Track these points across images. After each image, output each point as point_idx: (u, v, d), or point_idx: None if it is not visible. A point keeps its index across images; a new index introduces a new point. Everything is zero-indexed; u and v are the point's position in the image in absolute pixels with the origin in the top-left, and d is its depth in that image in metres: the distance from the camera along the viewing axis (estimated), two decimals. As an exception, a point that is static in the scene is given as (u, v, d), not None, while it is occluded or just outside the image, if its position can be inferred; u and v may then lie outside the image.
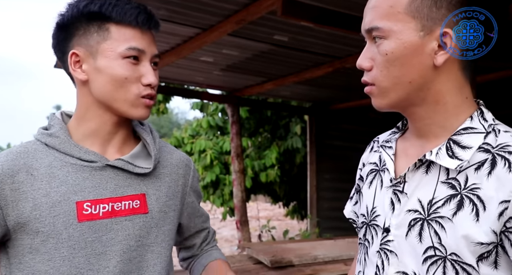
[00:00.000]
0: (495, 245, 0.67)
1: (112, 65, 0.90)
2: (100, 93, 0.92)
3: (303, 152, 6.82)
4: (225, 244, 7.85)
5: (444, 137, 0.75)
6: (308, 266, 3.10)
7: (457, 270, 0.69)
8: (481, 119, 0.74)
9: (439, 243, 0.70)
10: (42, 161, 0.90)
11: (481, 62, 3.81)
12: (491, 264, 0.68)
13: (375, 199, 0.85)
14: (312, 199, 6.52)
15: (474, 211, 0.68)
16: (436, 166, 0.74)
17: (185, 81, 5.46)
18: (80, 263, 0.87)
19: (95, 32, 0.90)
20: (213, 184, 6.95)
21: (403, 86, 0.74)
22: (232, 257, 3.65)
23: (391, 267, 0.78)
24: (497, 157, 0.68)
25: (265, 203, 12.07)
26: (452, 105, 0.74)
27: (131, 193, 0.94)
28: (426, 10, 0.70)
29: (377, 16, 0.73)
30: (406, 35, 0.71)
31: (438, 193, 0.72)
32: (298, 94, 5.99)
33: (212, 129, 7.35)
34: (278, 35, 3.54)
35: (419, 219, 0.74)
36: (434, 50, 0.71)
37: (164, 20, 3.20)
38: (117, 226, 0.91)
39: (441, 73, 0.73)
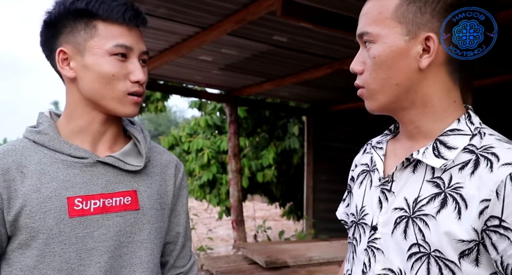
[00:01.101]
0: (477, 243, 0.68)
1: (100, 62, 0.90)
2: (88, 90, 0.92)
3: (301, 153, 6.82)
4: (221, 243, 7.85)
5: (432, 138, 0.77)
6: (303, 267, 3.10)
7: (440, 267, 0.71)
8: (468, 122, 0.76)
9: (423, 240, 0.72)
10: (31, 158, 0.90)
11: (479, 67, 3.82)
12: (472, 262, 0.69)
13: (365, 198, 0.87)
14: (308, 200, 6.53)
15: (456, 209, 0.70)
16: (423, 166, 0.76)
17: (184, 80, 5.45)
18: (71, 258, 0.87)
19: (82, 30, 0.90)
20: (210, 183, 6.95)
21: (390, 89, 0.76)
22: (227, 257, 3.65)
23: (378, 264, 0.79)
24: (481, 157, 0.71)
25: (261, 203, 12.07)
26: (439, 108, 0.77)
27: (122, 189, 0.94)
28: (411, 16, 0.73)
29: (368, 21, 0.77)
30: (392, 39, 0.74)
31: (423, 191, 0.75)
32: (297, 94, 5.99)
33: (210, 128, 7.34)
34: (278, 35, 3.54)
35: (405, 216, 0.76)
36: (419, 54, 0.74)
37: (163, 18, 3.19)
38: (109, 222, 0.91)
39: (428, 76, 0.75)
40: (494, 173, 0.68)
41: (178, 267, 1.10)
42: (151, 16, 3.14)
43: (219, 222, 9.48)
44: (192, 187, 7.20)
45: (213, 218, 10.20)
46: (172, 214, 1.07)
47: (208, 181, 6.89)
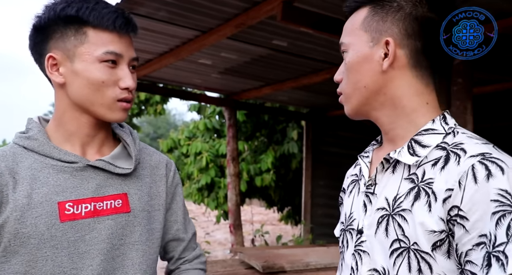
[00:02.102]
0: (447, 235, 0.71)
1: (89, 69, 0.90)
2: (77, 96, 0.92)
3: (299, 157, 6.82)
4: (218, 247, 7.82)
5: (408, 139, 0.81)
6: (300, 273, 3.08)
7: (418, 260, 0.73)
8: (443, 122, 0.80)
9: (403, 234, 0.75)
10: (22, 164, 0.90)
11: (478, 74, 3.83)
12: (444, 254, 0.72)
13: (353, 205, 0.90)
14: (306, 205, 6.51)
15: (427, 202, 0.73)
16: (401, 166, 0.81)
17: (183, 83, 5.45)
18: (63, 263, 0.88)
19: (73, 36, 0.90)
20: (208, 186, 6.94)
21: (360, 91, 0.83)
22: (224, 261, 3.64)
23: (364, 266, 0.82)
24: (451, 153, 0.74)
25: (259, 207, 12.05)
26: (410, 109, 0.81)
27: (112, 192, 0.95)
28: (375, 24, 0.81)
29: (344, 34, 0.87)
30: (359, 46, 0.82)
31: (401, 189, 0.78)
32: (296, 99, 6.00)
33: (209, 131, 7.34)
34: (277, 40, 3.55)
35: (385, 215, 0.79)
36: (381, 57, 0.80)
37: (164, 22, 3.20)
38: (100, 225, 0.92)
39: (393, 79, 0.81)
40: (460, 165, 0.71)
41: (182, 258, 1.12)
42: (151, 19, 3.15)
43: (216, 226, 9.46)
44: (190, 190, 7.19)
45: (210, 222, 10.17)
46: (168, 213, 1.08)
47: (206, 185, 6.88)
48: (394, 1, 0.80)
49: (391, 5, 0.80)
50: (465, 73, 3.00)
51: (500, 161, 0.69)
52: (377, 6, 0.81)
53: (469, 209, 0.68)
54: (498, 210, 0.66)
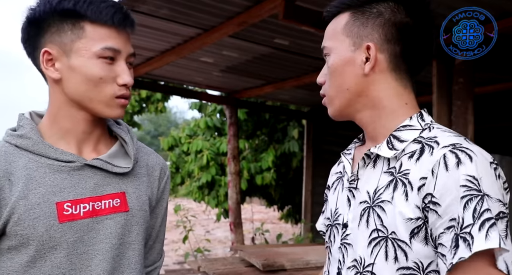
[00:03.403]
0: (423, 222, 0.75)
1: (87, 65, 0.88)
2: (74, 92, 0.90)
3: (300, 156, 6.82)
4: (218, 245, 7.83)
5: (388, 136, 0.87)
6: (300, 271, 3.09)
7: (395, 249, 0.77)
8: (420, 119, 0.85)
9: (381, 224, 0.79)
10: (16, 164, 0.87)
11: (479, 74, 3.83)
12: (422, 240, 0.75)
13: (337, 200, 0.94)
14: (307, 203, 6.52)
15: (404, 192, 0.77)
16: (381, 160, 0.85)
17: (185, 81, 5.46)
18: (62, 263, 0.86)
19: (69, 30, 0.87)
20: (209, 185, 6.94)
21: (343, 94, 0.87)
22: (224, 259, 3.65)
23: (349, 257, 0.86)
24: (425, 146, 0.79)
25: (259, 206, 12.05)
26: (390, 109, 0.86)
27: (111, 192, 0.93)
28: (356, 30, 0.85)
29: (326, 38, 0.91)
30: (342, 50, 0.86)
31: (381, 181, 0.83)
32: (297, 98, 6.00)
33: (210, 129, 7.34)
34: (279, 38, 3.55)
35: (367, 207, 0.83)
36: (363, 61, 0.84)
37: (165, 19, 3.20)
38: (99, 225, 0.90)
39: (375, 81, 0.85)
40: (433, 156, 0.76)
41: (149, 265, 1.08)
42: (153, 16, 3.15)
43: (217, 224, 9.46)
44: (191, 188, 7.20)
45: (211, 220, 10.18)
46: (150, 216, 1.05)
47: (207, 183, 6.88)
48: (374, 8, 0.84)
49: (371, 11, 0.84)
50: (467, 73, 3.00)
51: (469, 150, 0.74)
52: (358, 12, 0.85)
53: (441, 195, 0.72)
54: (466, 194, 0.70)
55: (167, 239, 8.71)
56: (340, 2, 0.89)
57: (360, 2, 0.86)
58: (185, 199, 10.32)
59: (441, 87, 3.12)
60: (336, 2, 0.90)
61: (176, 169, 7.70)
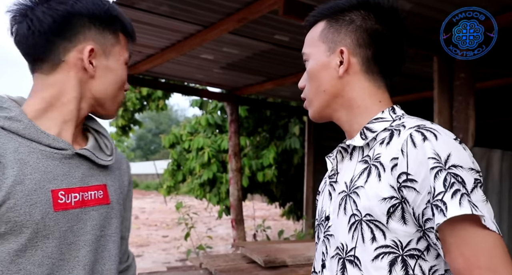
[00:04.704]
0: (399, 201, 0.78)
1: (121, 68, 0.99)
2: (103, 90, 0.97)
3: (301, 153, 6.81)
4: (220, 242, 7.85)
5: None
6: (302, 267, 3.10)
7: (372, 229, 0.80)
8: (391, 112, 0.90)
9: (356, 209, 0.83)
10: (6, 146, 0.84)
11: (481, 69, 3.81)
12: (399, 220, 0.78)
13: (323, 200, 0.98)
14: (308, 200, 6.52)
15: (377, 174, 0.82)
16: (356, 152, 0.91)
17: (185, 78, 5.45)
18: (53, 253, 0.86)
19: (110, 34, 0.97)
20: (210, 182, 6.95)
21: (320, 95, 0.94)
22: (226, 256, 3.65)
23: (332, 247, 0.89)
24: (394, 131, 0.84)
25: (261, 203, 12.07)
26: (364, 107, 0.91)
27: (95, 183, 0.95)
28: (331, 36, 0.92)
29: (305, 45, 0.98)
30: (318, 55, 0.94)
31: (356, 170, 0.88)
32: (298, 94, 5.94)
33: (211, 127, 7.34)
34: (279, 34, 3.54)
35: (344, 196, 0.88)
36: (337, 65, 0.91)
37: (165, 16, 3.19)
38: (86, 216, 0.91)
39: (349, 83, 0.91)
40: (400, 137, 0.81)
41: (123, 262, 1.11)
42: (153, 13, 3.14)
43: (218, 221, 9.48)
44: (192, 185, 7.20)
45: (212, 217, 10.20)
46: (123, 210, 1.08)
47: (208, 180, 6.88)
48: (346, 15, 0.91)
49: (344, 19, 0.91)
50: (468, 68, 2.99)
51: (433, 129, 0.78)
52: (332, 20, 0.93)
53: (415, 172, 0.76)
54: (435, 166, 0.74)
55: (169, 236, 8.74)
56: (317, 12, 0.96)
57: (334, 11, 0.93)
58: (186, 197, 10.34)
59: (442, 82, 3.11)
60: (314, 12, 0.97)
61: (178, 167, 7.71)
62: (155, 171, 20.39)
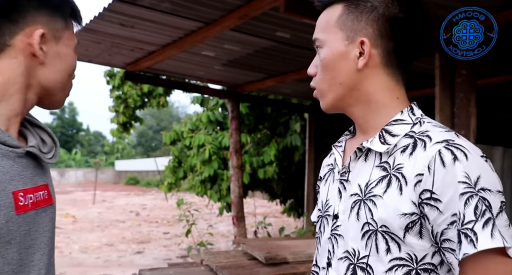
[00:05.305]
0: (418, 216, 0.76)
1: (72, 55, 0.92)
2: (53, 78, 0.89)
3: (302, 150, 6.82)
4: (221, 239, 7.86)
5: (379, 130, 0.87)
6: (303, 264, 3.10)
7: (387, 241, 0.79)
8: (410, 113, 0.86)
9: (372, 218, 0.80)
10: None
11: (482, 66, 3.81)
12: (416, 234, 0.77)
13: (328, 192, 0.95)
14: (309, 197, 6.53)
15: (398, 186, 0.78)
16: (372, 154, 0.86)
17: (186, 75, 5.45)
18: (13, 259, 0.79)
19: (60, 19, 0.90)
20: (211, 179, 6.95)
21: (335, 87, 0.87)
22: (227, 252, 3.66)
23: (340, 248, 0.87)
24: (418, 140, 0.80)
25: (262, 200, 12.08)
26: (382, 103, 0.86)
27: (41, 183, 0.87)
28: (350, 23, 0.84)
29: (318, 30, 0.90)
30: (335, 43, 0.86)
31: (373, 175, 0.83)
32: (299, 91, 5.98)
33: (212, 124, 7.33)
34: (281, 31, 3.54)
35: (358, 200, 0.84)
36: (356, 56, 0.84)
37: (167, 13, 3.19)
38: (38, 217, 0.85)
39: (368, 76, 0.85)
40: (426, 151, 0.77)
41: None
42: (154, 10, 3.14)
43: (219, 218, 9.49)
44: (193, 182, 7.21)
45: (213, 214, 10.22)
46: None
47: (209, 177, 6.89)
48: (368, 1, 0.84)
49: (365, 5, 0.84)
50: (469, 65, 2.99)
51: (462, 147, 0.75)
52: (352, 5, 0.84)
53: (441, 192, 0.74)
54: (466, 191, 0.72)
55: (170, 233, 8.76)
56: None
57: None
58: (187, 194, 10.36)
59: (443, 79, 3.11)
60: None
61: (179, 164, 7.72)
62: (156, 168, 20.42)
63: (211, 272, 3.15)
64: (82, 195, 18.52)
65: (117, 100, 8.59)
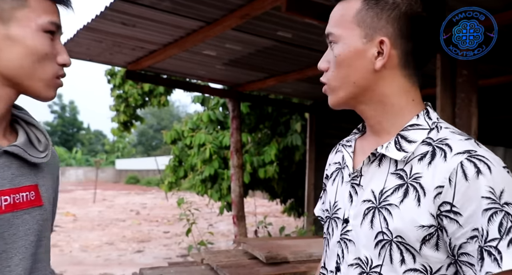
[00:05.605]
0: (436, 229, 0.74)
1: (32, 37, 0.80)
2: (11, 66, 0.79)
3: (303, 149, 6.82)
4: (221, 238, 7.87)
5: (394, 134, 0.83)
6: (303, 263, 3.10)
7: (401, 251, 0.77)
8: (426, 117, 0.83)
9: (386, 228, 0.78)
10: None
11: (483, 67, 3.80)
12: (433, 246, 0.75)
13: (337, 194, 0.92)
14: (309, 197, 6.53)
15: (416, 197, 0.76)
16: (387, 159, 0.82)
17: (187, 74, 5.45)
18: None
19: None
20: (211, 178, 6.95)
21: (348, 86, 0.83)
22: (227, 252, 3.66)
23: (350, 254, 0.84)
24: (437, 149, 0.77)
25: (262, 199, 12.08)
26: (398, 106, 0.83)
27: (26, 183, 0.83)
28: (369, 20, 0.80)
29: (332, 23, 0.85)
30: (351, 40, 0.81)
31: (388, 183, 0.80)
32: (300, 91, 5.98)
33: (213, 123, 7.34)
34: (282, 31, 3.53)
35: (372, 207, 0.81)
36: (374, 56, 0.80)
37: (168, 12, 3.19)
38: (18, 220, 0.81)
39: (384, 77, 0.82)
40: (447, 162, 0.74)
41: None
42: (155, 9, 3.14)
43: (220, 217, 9.50)
44: (194, 181, 7.21)
45: (214, 213, 10.22)
46: None
47: (210, 176, 6.89)
48: None
49: (386, 2, 0.78)
50: (470, 65, 2.98)
51: (485, 158, 0.73)
52: (372, 0, 0.80)
53: (462, 205, 0.71)
54: (490, 207, 0.69)
55: (170, 232, 8.77)
56: None
57: None
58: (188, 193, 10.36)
59: (445, 79, 3.10)
60: None
61: (179, 163, 7.72)
62: (157, 167, 20.41)
63: (211, 271, 3.16)
64: (83, 194, 18.53)
65: (118, 99, 8.60)
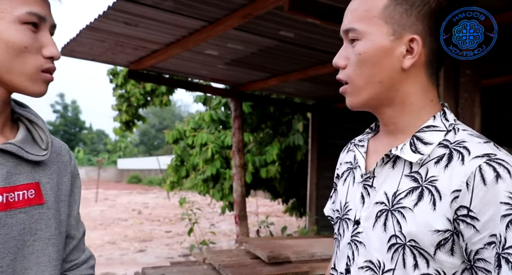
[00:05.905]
0: (451, 233, 0.72)
1: (8, 30, 0.76)
2: None
3: (305, 149, 6.81)
4: (223, 238, 7.87)
5: (409, 135, 0.81)
6: (305, 263, 3.10)
7: (415, 256, 0.75)
8: (443, 118, 0.80)
9: (400, 231, 0.76)
10: None
11: (486, 66, 3.79)
12: (448, 251, 0.73)
13: (348, 194, 0.90)
14: (311, 196, 6.52)
15: (431, 201, 0.73)
16: (401, 161, 0.80)
17: (189, 74, 5.45)
18: None
19: None
20: (213, 178, 6.96)
21: (373, 85, 0.80)
22: (229, 251, 3.66)
23: (361, 257, 0.82)
24: (454, 151, 0.75)
25: (264, 199, 12.08)
26: (417, 106, 0.81)
27: (24, 182, 0.81)
28: (398, 17, 0.76)
29: (355, 18, 0.80)
30: (378, 37, 0.77)
31: (401, 185, 0.78)
32: (302, 91, 5.98)
33: (214, 123, 7.34)
34: (284, 31, 3.53)
35: (384, 210, 0.79)
36: (402, 54, 0.77)
37: (170, 12, 3.19)
38: (12, 219, 0.79)
39: (409, 76, 0.79)
40: (465, 166, 0.72)
41: (71, 261, 0.99)
42: (157, 9, 3.14)
43: (222, 217, 9.50)
44: (196, 181, 7.22)
45: (216, 213, 10.22)
46: (66, 206, 0.95)
47: (212, 176, 6.90)
48: None
49: None
50: (473, 65, 2.98)
51: (505, 162, 0.70)
52: None
53: (479, 210, 0.69)
54: (509, 213, 0.67)
55: (172, 232, 8.78)
56: None
57: None
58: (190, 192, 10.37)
59: (448, 79, 3.10)
60: None
61: (181, 162, 7.73)
62: (158, 166, 20.43)
63: (213, 270, 3.16)
64: (85, 193, 18.56)
65: (120, 99, 8.61)
